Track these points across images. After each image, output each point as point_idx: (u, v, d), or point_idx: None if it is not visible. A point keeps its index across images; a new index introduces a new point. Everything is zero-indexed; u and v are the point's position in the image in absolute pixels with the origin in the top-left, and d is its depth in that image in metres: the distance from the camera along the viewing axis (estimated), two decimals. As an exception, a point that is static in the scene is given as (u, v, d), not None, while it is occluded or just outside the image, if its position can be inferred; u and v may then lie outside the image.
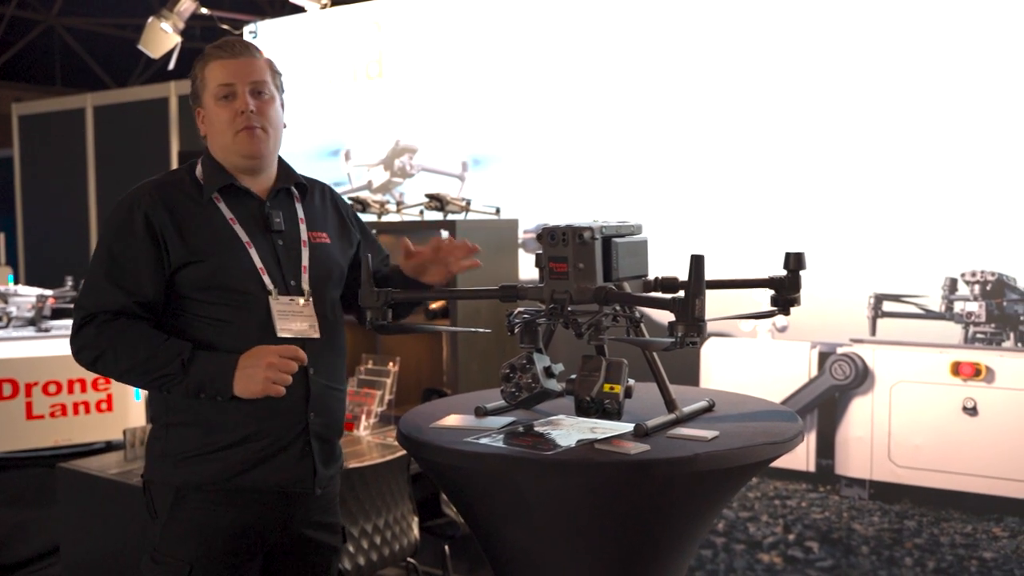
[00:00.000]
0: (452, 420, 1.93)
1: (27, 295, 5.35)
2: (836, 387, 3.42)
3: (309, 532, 2.09)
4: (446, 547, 3.49)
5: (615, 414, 1.78)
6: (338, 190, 5.08)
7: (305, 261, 2.06)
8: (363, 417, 3.55)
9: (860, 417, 3.38)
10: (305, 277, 2.04)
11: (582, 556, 1.76)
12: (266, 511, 2.00)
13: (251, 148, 2.01)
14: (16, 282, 7.00)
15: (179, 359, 1.89)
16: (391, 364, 3.67)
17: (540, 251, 1.83)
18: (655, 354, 1.88)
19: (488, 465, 1.69)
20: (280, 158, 2.13)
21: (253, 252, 1.99)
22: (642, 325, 1.89)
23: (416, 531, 3.17)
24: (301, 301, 2.01)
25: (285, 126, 2.11)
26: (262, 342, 1.92)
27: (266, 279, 1.98)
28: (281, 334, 1.96)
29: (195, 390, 1.90)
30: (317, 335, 2.02)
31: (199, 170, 2.06)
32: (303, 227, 2.09)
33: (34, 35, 12.96)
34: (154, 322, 1.97)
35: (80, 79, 13.06)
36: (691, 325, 1.56)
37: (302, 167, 2.24)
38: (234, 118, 1.99)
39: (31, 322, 5.23)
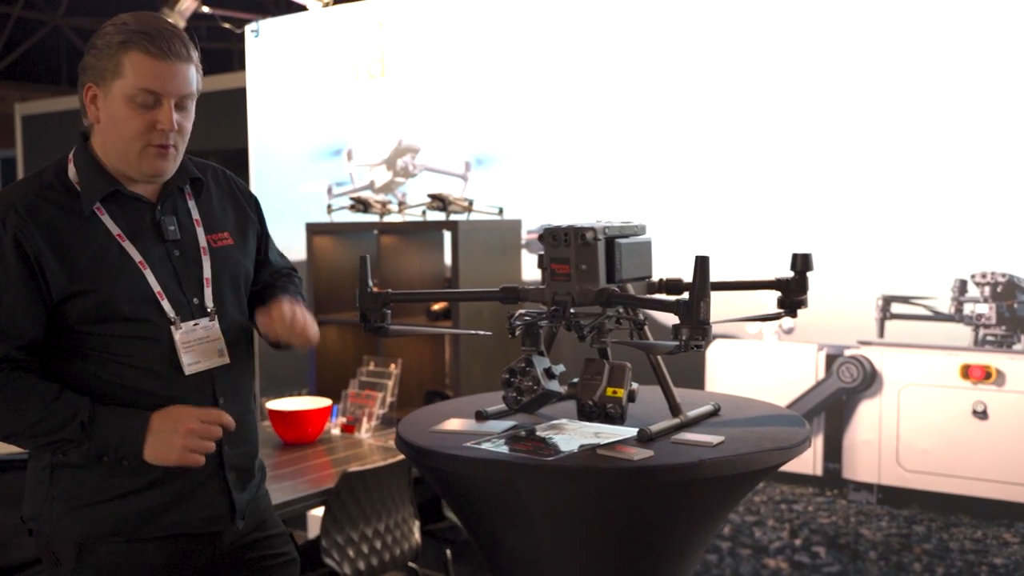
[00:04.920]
0: (452, 424, 1.89)
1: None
2: (843, 390, 3.37)
3: (252, 553, 1.88)
4: (448, 551, 3.45)
5: (618, 418, 1.75)
6: (340, 190, 4.93)
7: (207, 273, 1.78)
8: (364, 419, 3.52)
9: (868, 420, 3.33)
10: (208, 292, 1.77)
11: (584, 563, 1.72)
12: (186, 550, 1.77)
13: (158, 168, 1.71)
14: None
15: (78, 421, 1.61)
16: (392, 366, 3.64)
17: (543, 252, 1.79)
18: (659, 357, 1.85)
19: (487, 471, 1.65)
20: None
21: (149, 274, 1.70)
22: (646, 328, 1.85)
23: (417, 535, 3.13)
24: (206, 323, 1.75)
25: None
26: (169, 378, 1.71)
27: (166, 304, 1.71)
28: (189, 370, 1.72)
29: (97, 454, 1.64)
30: (227, 360, 1.78)
31: (71, 171, 1.73)
32: (200, 230, 1.80)
33: (40, 36, 12.95)
34: (38, 364, 1.68)
35: (85, 79, 13.03)
36: (696, 328, 1.51)
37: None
38: (148, 130, 1.67)
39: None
